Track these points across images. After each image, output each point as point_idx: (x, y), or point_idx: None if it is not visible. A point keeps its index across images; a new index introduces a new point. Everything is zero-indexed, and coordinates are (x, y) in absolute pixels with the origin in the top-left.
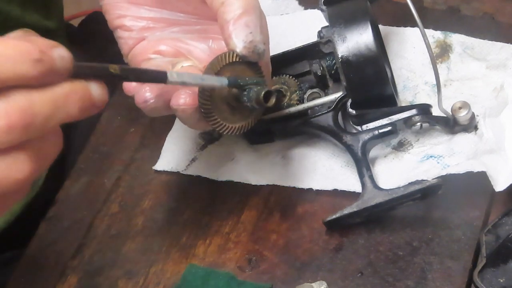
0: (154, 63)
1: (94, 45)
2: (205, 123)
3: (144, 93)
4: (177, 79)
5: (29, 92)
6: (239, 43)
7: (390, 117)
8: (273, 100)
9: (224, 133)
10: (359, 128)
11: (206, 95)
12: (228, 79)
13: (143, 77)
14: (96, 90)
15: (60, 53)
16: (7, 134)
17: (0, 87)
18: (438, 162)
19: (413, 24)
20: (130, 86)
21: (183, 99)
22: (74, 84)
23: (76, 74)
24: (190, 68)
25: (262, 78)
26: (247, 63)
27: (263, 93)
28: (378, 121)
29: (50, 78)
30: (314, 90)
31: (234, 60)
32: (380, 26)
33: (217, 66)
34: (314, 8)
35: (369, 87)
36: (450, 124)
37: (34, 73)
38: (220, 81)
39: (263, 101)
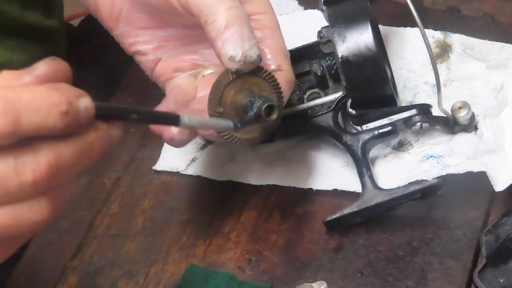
0: (178, 80)
1: (94, 45)
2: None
3: (171, 134)
4: (188, 122)
5: (56, 145)
6: (229, 58)
7: (390, 117)
8: (274, 115)
9: (236, 144)
10: (359, 128)
11: (216, 106)
12: (233, 123)
13: (159, 121)
14: (115, 132)
15: (85, 104)
16: (33, 187)
17: (27, 137)
18: (438, 162)
19: (413, 24)
20: (157, 127)
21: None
22: (98, 131)
23: (97, 117)
24: (211, 76)
25: (268, 81)
26: (248, 72)
27: (264, 107)
28: (378, 121)
29: (73, 129)
30: (314, 90)
31: (232, 77)
32: (380, 26)
33: (218, 93)
34: (314, 8)
35: (369, 87)
36: (450, 124)
37: (61, 126)
38: (226, 125)
39: (264, 116)
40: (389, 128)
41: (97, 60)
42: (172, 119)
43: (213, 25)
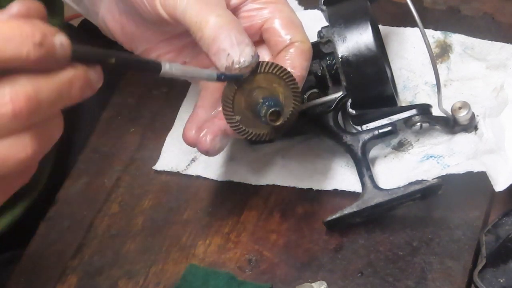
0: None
1: (94, 45)
2: None
3: (205, 143)
4: (169, 70)
5: (35, 78)
6: (226, 69)
7: (390, 117)
8: (279, 121)
9: (244, 137)
10: (359, 128)
11: (231, 118)
12: (217, 74)
13: (138, 67)
14: (93, 75)
15: (60, 40)
16: (13, 120)
17: (1, 68)
18: (438, 162)
19: (413, 24)
20: (190, 138)
21: None
22: (76, 69)
23: (74, 57)
24: None
25: (276, 72)
26: (251, 73)
27: (269, 112)
28: (378, 121)
29: (49, 63)
30: (314, 90)
31: (237, 86)
32: (380, 26)
33: (228, 104)
34: (314, 8)
35: (369, 87)
36: (450, 124)
37: (34, 56)
38: (208, 75)
39: (269, 120)
40: (389, 128)
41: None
42: (153, 66)
43: (201, 41)
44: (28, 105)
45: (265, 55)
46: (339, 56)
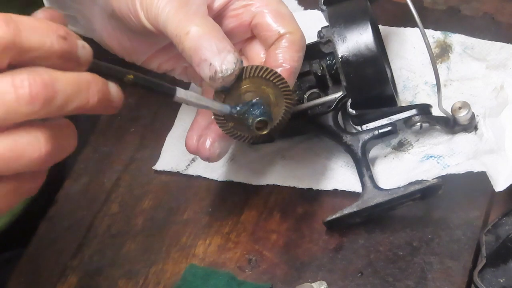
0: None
1: (94, 45)
2: None
3: (205, 150)
4: (183, 96)
5: (53, 70)
6: (210, 80)
7: (390, 117)
8: (264, 131)
9: (237, 140)
10: (359, 128)
11: (231, 131)
12: (230, 107)
13: (154, 88)
14: (113, 89)
15: (83, 43)
16: (28, 104)
17: (25, 56)
18: (438, 162)
19: (413, 24)
20: (192, 147)
21: None
22: (95, 76)
23: (93, 70)
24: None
25: (264, 74)
26: (237, 79)
27: (256, 121)
28: (378, 121)
29: (71, 63)
30: (314, 90)
31: (225, 95)
32: (380, 26)
33: (221, 95)
34: (314, 8)
35: (369, 87)
36: (450, 124)
37: (58, 48)
38: (222, 108)
39: (255, 129)
40: (389, 128)
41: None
42: (168, 90)
43: (184, 53)
44: (45, 91)
45: (259, 50)
46: (339, 56)
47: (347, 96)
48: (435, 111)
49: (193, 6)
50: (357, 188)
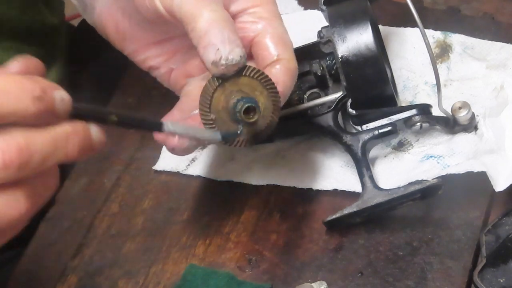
0: (189, 87)
1: (94, 45)
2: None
3: (172, 143)
4: (171, 128)
5: (29, 131)
6: (212, 64)
7: (390, 117)
8: (255, 117)
9: (229, 145)
10: (359, 128)
11: (206, 114)
12: (221, 134)
13: (141, 126)
14: (95, 132)
15: (60, 95)
16: (3, 170)
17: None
18: (438, 162)
19: (413, 24)
20: (159, 135)
21: None
22: (75, 125)
23: (75, 115)
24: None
25: (259, 79)
26: (235, 74)
27: (243, 108)
28: (378, 121)
29: (48, 118)
30: (314, 90)
31: (219, 83)
32: (380, 26)
33: (206, 101)
34: (314, 8)
35: (369, 87)
36: (450, 124)
37: (33, 110)
38: (213, 136)
39: (244, 117)
40: (389, 128)
41: (97, 60)
42: (155, 126)
43: (193, 32)
44: (19, 156)
45: None
46: (339, 56)
47: (347, 96)
48: (435, 111)
49: None
50: (357, 188)
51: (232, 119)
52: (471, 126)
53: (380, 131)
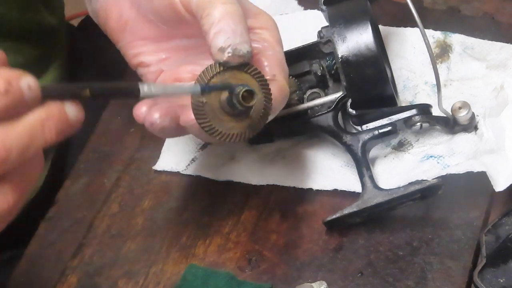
0: None
1: (94, 45)
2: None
3: (152, 117)
4: (148, 91)
5: (2, 126)
6: (219, 49)
7: (390, 117)
8: (253, 101)
9: (222, 140)
10: (359, 128)
11: (199, 106)
12: (200, 86)
13: (116, 95)
14: (71, 110)
15: (27, 82)
16: None
17: None
18: (438, 162)
19: (413, 24)
20: (139, 115)
21: (192, 115)
22: (49, 108)
23: (47, 96)
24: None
25: (257, 79)
26: (236, 67)
27: (241, 93)
28: (378, 121)
29: (19, 108)
30: (314, 90)
31: (220, 70)
32: (380, 26)
33: (204, 80)
34: (314, 8)
35: (369, 87)
36: (450, 124)
37: (1, 105)
38: (192, 89)
39: (243, 102)
40: (389, 128)
41: (97, 59)
42: (131, 90)
43: (207, 18)
44: None
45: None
46: (339, 56)
47: (347, 96)
48: (435, 111)
49: None
50: (357, 188)
51: (223, 108)
52: (471, 126)
53: (380, 131)
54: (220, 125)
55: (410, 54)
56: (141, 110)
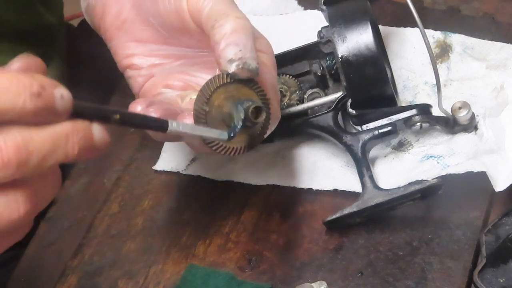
0: (165, 96)
1: (94, 45)
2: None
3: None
4: (176, 128)
5: (27, 129)
6: (229, 61)
7: (390, 117)
8: (263, 116)
9: (221, 153)
10: (359, 128)
11: (201, 114)
12: (227, 133)
13: (145, 125)
14: (98, 131)
15: (60, 92)
16: (1, 170)
17: None
18: (438, 162)
19: (413, 24)
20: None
21: (188, 120)
22: (76, 124)
23: (76, 113)
24: None
25: (259, 96)
26: (241, 82)
27: (251, 108)
28: (378, 121)
29: (48, 116)
30: (314, 90)
31: (226, 81)
32: (380, 27)
33: (208, 92)
34: (314, 8)
35: (369, 87)
36: (450, 124)
37: (31, 107)
38: (219, 135)
39: (251, 117)
40: (389, 128)
41: (97, 60)
42: (160, 124)
43: (220, 28)
44: (17, 154)
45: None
46: (339, 56)
47: (347, 96)
48: (435, 111)
49: None
50: (357, 188)
51: (224, 120)
52: (471, 126)
53: (380, 131)
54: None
55: (410, 54)
56: (137, 109)
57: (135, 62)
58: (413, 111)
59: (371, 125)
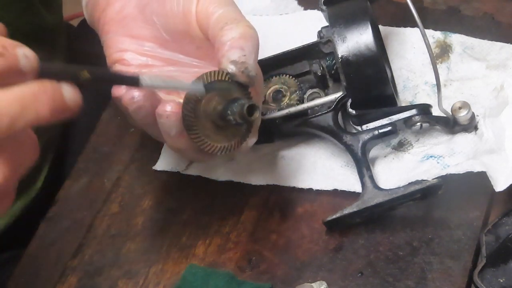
0: None
1: (94, 45)
2: (185, 140)
3: (133, 92)
4: (149, 82)
5: None
6: (231, 62)
7: (390, 117)
8: (257, 114)
9: (205, 150)
10: (359, 128)
11: (189, 107)
12: (204, 85)
13: (115, 81)
14: (68, 91)
15: (24, 52)
16: None
17: None
18: (438, 162)
19: (413, 24)
20: (119, 92)
21: (170, 107)
22: (44, 83)
23: (43, 74)
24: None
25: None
26: (236, 84)
27: (246, 106)
28: (378, 121)
29: (14, 77)
30: (314, 90)
31: (223, 78)
32: (380, 27)
33: (208, 80)
34: (314, 8)
35: (369, 87)
36: (450, 124)
37: None
38: (195, 86)
39: (246, 114)
40: (389, 128)
41: (96, 60)
42: (131, 80)
43: (229, 31)
44: None
45: None
46: (339, 56)
47: (347, 96)
48: (435, 111)
49: None
50: (357, 188)
51: (213, 116)
52: (471, 126)
53: (380, 131)
54: (203, 132)
55: (410, 54)
56: (121, 91)
57: (126, 57)
58: (413, 111)
59: (371, 125)
